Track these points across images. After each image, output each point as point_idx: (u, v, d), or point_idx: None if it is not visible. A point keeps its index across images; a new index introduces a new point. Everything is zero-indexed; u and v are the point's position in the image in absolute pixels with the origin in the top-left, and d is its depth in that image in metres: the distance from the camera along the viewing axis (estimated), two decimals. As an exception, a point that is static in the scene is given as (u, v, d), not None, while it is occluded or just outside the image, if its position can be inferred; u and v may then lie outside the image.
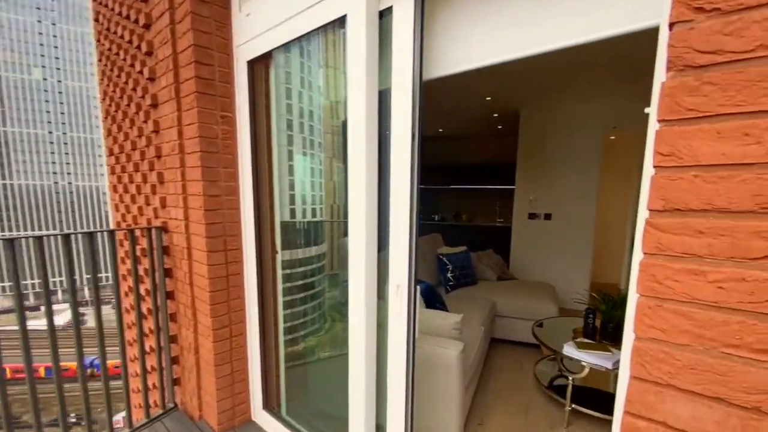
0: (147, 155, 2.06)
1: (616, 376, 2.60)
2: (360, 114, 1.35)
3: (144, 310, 2.09)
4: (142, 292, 2.14)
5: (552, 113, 4.48)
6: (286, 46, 1.59)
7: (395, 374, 1.48)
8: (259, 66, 1.75)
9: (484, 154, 6.89)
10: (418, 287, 1.49)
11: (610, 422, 2.26)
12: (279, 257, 1.92)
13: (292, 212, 2.22)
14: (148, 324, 2.13)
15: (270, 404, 2.06)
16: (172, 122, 1.81)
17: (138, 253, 2.09)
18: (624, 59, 2.85)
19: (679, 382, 0.67)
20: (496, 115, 4.92)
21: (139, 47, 2.01)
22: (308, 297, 2.14)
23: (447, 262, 3.63)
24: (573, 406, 2.31)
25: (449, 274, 3.60)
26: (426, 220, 6.74)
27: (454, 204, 7.16)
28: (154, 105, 1.95)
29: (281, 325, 2.01)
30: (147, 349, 2.13)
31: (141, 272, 2.10)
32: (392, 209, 1.38)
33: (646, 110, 0.98)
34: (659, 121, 0.69)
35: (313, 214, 2.18)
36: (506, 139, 6.63)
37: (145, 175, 2.10)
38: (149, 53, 1.94)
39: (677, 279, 0.67)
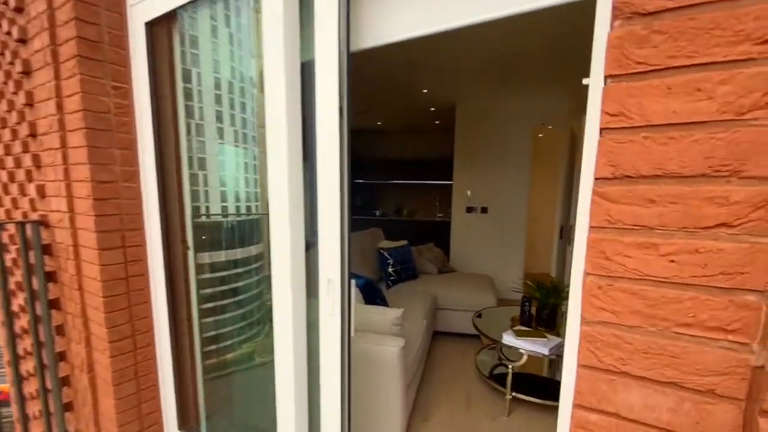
0: (20, 134, 1.67)
1: (551, 362, 2.69)
2: (278, 90, 1.18)
3: (19, 327, 1.71)
4: (21, 302, 1.76)
5: (486, 108, 4.60)
6: (193, 5, 1.35)
7: (329, 377, 1.33)
8: (160, 29, 1.48)
9: (425, 149, 6.95)
10: (354, 282, 1.36)
11: (549, 408, 2.34)
12: (191, 254, 1.67)
13: (224, 209, 1.97)
14: (24, 344, 1.75)
15: (187, 423, 1.80)
16: (49, 93, 1.48)
17: (14, 254, 1.71)
18: (554, 52, 2.95)
19: (631, 369, 0.60)
20: (433, 109, 4.94)
21: (5, 2, 1.63)
22: (239, 302, 1.91)
23: (388, 257, 3.54)
24: (513, 394, 2.33)
25: (390, 269, 3.52)
26: (367, 216, 6.64)
27: (395, 199, 7.14)
28: (27, 72, 1.58)
29: (197, 333, 1.75)
30: (24, 373, 1.75)
31: (19, 277, 1.72)
32: (320, 195, 1.22)
33: (585, 81, 0.93)
34: (607, 77, 0.61)
35: (248, 211, 1.95)
36: (446, 135, 6.77)
37: (18, 158, 1.71)
38: (19, 9, 1.58)
39: (628, 254, 0.60)
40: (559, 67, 3.28)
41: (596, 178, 0.64)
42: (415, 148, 6.98)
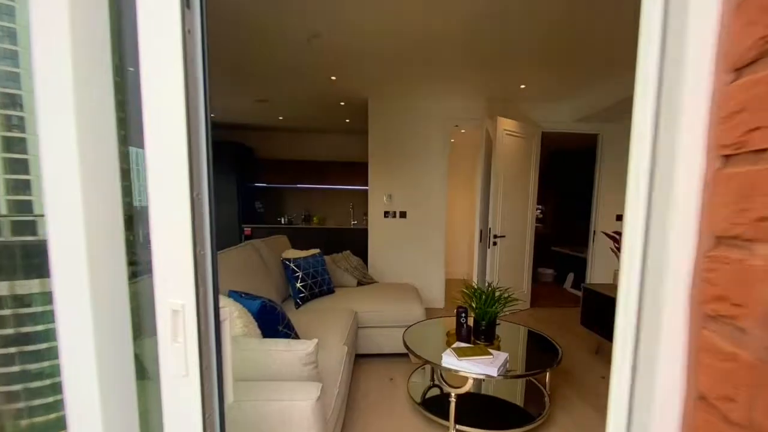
0: None
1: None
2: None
3: None
4: None
5: (400, 106, 4.29)
6: None
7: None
8: None
9: (337, 151, 6.44)
10: (243, 305, 0.76)
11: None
12: None
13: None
14: None
15: None
16: None
17: None
18: (475, 35, 2.71)
19: None
20: (343, 103, 4.47)
21: None
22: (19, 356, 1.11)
23: (295, 269, 2.89)
24: (458, 427, 1.89)
25: (299, 284, 2.88)
26: (270, 224, 5.81)
27: (303, 206, 6.46)
28: None
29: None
30: None
31: None
32: (150, 174, 0.62)
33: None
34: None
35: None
36: (360, 136, 6.36)
37: None
38: None
39: None
40: (478, 57, 3.08)
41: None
42: (326, 150, 6.42)
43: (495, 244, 4.05)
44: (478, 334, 2.26)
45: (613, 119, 4.28)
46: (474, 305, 2.26)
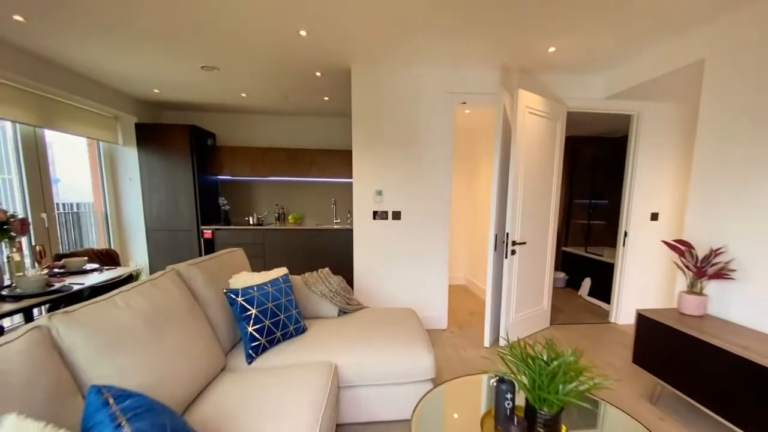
0: None
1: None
2: None
3: None
4: None
5: (392, 75, 3.34)
6: None
7: None
8: None
9: (316, 137, 5.44)
10: None
11: None
12: None
13: None
14: None
15: None
16: None
17: None
18: None
19: None
20: (319, 74, 3.47)
21: None
22: None
23: (246, 306, 1.95)
24: None
25: (251, 328, 1.93)
26: (237, 224, 4.78)
27: (275, 202, 5.46)
28: None
29: None
30: None
31: None
32: None
33: None
34: None
35: None
36: (342, 119, 5.39)
37: None
38: None
39: None
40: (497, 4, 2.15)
41: None
42: (303, 135, 5.42)
43: (513, 252, 3.18)
44: (533, 424, 1.37)
45: (656, 96, 3.42)
46: (526, 381, 1.37)
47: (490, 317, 3.23)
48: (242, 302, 1.95)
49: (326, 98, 4.33)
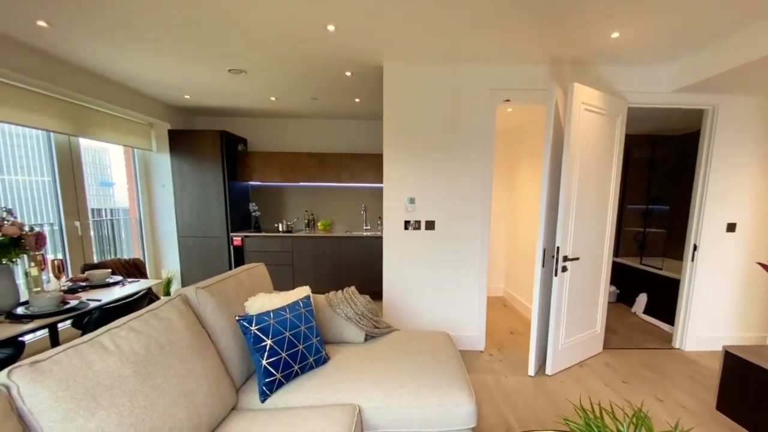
0: None
1: None
2: None
3: None
4: None
5: (428, 73, 3.00)
6: None
7: None
8: None
9: (346, 141, 5.19)
10: None
11: None
12: None
13: None
14: None
15: None
16: None
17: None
18: None
19: None
20: (349, 73, 3.20)
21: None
22: None
23: (260, 336, 1.69)
24: None
25: (266, 361, 1.68)
26: (266, 231, 4.62)
27: (305, 208, 5.27)
28: None
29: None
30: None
31: None
32: None
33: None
34: None
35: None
36: (373, 122, 5.11)
37: None
38: None
39: None
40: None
41: None
42: (333, 139, 5.19)
43: (564, 269, 2.74)
44: None
45: (736, 88, 2.86)
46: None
47: (536, 341, 2.81)
48: (256, 331, 1.70)
49: (357, 100, 4.05)
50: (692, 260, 3.27)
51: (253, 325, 1.71)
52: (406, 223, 3.16)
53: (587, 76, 2.99)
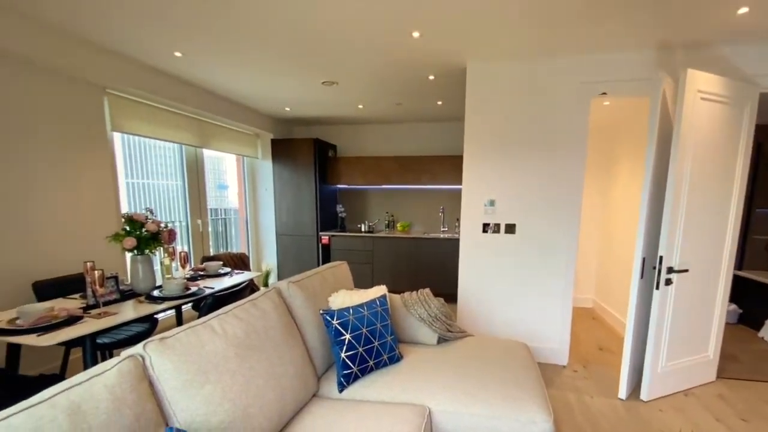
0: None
1: None
2: None
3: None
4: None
5: (513, 70, 2.82)
6: None
7: None
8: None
9: (427, 143, 5.18)
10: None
11: None
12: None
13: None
14: None
15: None
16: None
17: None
18: None
19: None
20: (432, 77, 3.17)
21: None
22: None
23: (340, 330, 1.77)
24: None
25: (345, 354, 1.75)
26: (351, 231, 4.86)
27: (386, 209, 5.37)
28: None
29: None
30: None
31: None
32: None
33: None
34: None
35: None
36: (453, 123, 5.01)
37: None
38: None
39: None
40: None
41: None
42: (414, 143, 5.21)
43: (669, 282, 2.35)
44: None
45: None
46: None
47: (630, 360, 2.46)
48: (337, 325, 1.78)
49: (439, 102, 4.00)
50: None
51: (335, 319, 1.80)
52: (485, 226, 3.02)
53: (703, 60, 2.51)
